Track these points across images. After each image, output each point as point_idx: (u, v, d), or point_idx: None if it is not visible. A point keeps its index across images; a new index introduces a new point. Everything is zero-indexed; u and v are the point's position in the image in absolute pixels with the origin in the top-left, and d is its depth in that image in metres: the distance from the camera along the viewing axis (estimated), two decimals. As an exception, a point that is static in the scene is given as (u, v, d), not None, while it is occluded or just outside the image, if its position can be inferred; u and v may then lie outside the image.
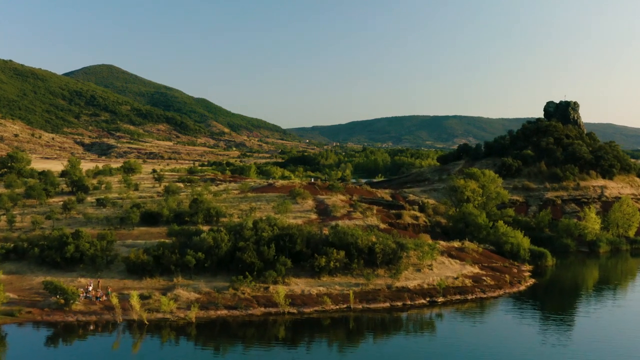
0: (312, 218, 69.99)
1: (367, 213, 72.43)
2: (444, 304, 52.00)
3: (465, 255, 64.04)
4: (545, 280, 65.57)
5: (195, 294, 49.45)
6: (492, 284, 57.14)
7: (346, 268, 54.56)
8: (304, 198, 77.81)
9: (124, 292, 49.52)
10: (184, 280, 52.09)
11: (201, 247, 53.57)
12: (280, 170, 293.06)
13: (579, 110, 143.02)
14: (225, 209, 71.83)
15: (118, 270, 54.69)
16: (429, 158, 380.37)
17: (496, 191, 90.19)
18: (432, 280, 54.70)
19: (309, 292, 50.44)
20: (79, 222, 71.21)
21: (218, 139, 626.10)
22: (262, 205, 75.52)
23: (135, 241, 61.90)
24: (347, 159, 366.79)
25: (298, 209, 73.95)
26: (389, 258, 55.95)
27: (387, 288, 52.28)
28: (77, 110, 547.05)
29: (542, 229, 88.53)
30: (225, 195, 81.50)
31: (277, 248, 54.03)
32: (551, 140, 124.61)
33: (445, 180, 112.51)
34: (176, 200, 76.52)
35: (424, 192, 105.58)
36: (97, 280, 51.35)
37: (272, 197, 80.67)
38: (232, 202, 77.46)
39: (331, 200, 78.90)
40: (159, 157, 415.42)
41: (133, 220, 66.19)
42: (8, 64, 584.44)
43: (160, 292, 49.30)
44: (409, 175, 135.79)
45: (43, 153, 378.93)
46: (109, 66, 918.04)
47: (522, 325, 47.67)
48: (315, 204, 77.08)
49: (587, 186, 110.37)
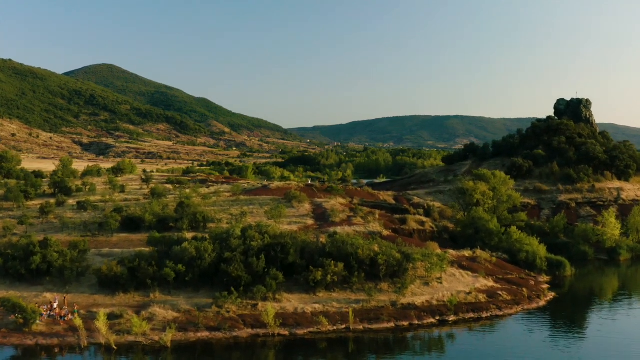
0: (309, 224, 63.99)
1: (369, 218, 66.41)
2: (455, 323, 46.00)
3: (478, 266, 57.95)
4: (566, 294, 59.42)
5: (174, 313, 43.49)
6: (509, 299, 51.06)
7: (345, 282, 48.56)
8: (300, 202, 71.84)
9: (93, 309, 43.66)
10: (162, 296, 46.15)
11: (182, 258, 47.63)
12: (280, 171, 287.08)
13: (591, 108, 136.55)
14: (214, 214, 65.94)
15: (89, 284, 48.76)
16: (432, 158, 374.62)
17: (507, 194, 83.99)
18: (442, 296, 48.64)
19: (303, 311, 44.45)
20: (54, 227, 65.36)
21: (218, 138, 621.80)
22: (255, 210, 69.58)
23: (113, 250, 55.96)
24: (348, 159, 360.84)
25: (293, 214, 67.98)
26: (394, 270, 49.91)
27: (392, 305, 46.25)
28: (77, 110, 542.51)
29: (557, 235, 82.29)
30: (215, 199, 75.61)
31: (268, 259, 48.07)
32: (563, 140, 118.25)
33: (451, 182, 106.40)
34: (162, 203, 70.60)
35: (429, 194, 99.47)
36: (63, 295, 45.42)
37: (266, 200, 74.74)
38: (222, 206, 71.55)
39: (330, 203, 72.89)
40: (157, 157, 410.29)
41: (111, 226, 60.27)
42: (7, 63, 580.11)
43: (133, 310, 43.37)
44: (413, 176, 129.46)
45: (41, 153, 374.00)
46: (110, 66, 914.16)
47: (544, 348, 41.61)
48: (312, 208, 71.08)
49: (603, 188, 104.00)
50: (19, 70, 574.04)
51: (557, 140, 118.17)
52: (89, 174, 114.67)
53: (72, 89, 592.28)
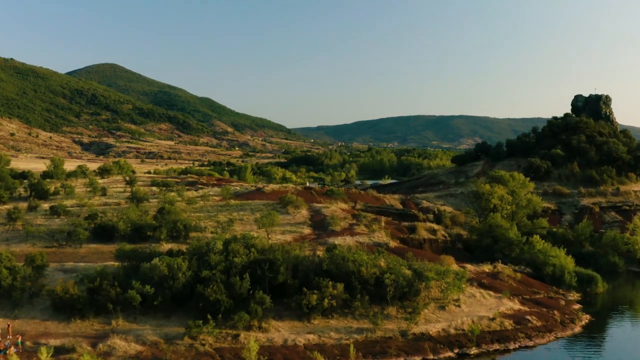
0: (305, 233, 56.27)
1: (374, 226, 58.59)
2: (478, 356, 38.25)
3: (501, 284, 50.00)
4: (602, 315, 51.35)
5: (137, 346, 35.87)
6: (539, 325, 43.20)
7: (345, 306, 40.81)
8: (296, 207, 64.15)
9: (42, 340, 36.15)
10: (126, 324, 38.51)
11: (151, 277, 40.02)
12: (282, 171, 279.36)
13: (611, 105, 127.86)
14: (199, 221, 58.37)
15: (43, 307, 41.12)
16: (438, 158, 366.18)
17: (527, 198, 75.92)
18: (461, 323, 40.80)
19: (294, 343, 36.74)
20: (19, 236, 57.95)
21: (221, 138, 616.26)
22: (246, 216, 61.94)
23: (78, 264, 48.40)
24: (352, 159, 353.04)
25: (288, 221, 60.28)
26: (403, 292, 42.16)
27: (401, 335, 38.47)
28: (78, 109, 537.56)
29: (582, 244, 74.23)
30: (202, 203, 68.06)
31: (254, 279, 40.40)
32: (583, 139, 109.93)
33: (463, 184, 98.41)
34: (142, 209, 63.10)
35: (439, 197, 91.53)
36: (7, 323, 37.90)
37: (258, 205, 67.09)
38: (209, 212, 63.96)
39: (330, 209, 65.10)
40: (158, 156, 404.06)
41: (80, 236, 52.75)
42: (9, 62, 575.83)
43: (89, 342, 35.80)
44: (421, 177, 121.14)
45: (39, 152, 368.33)
46: (113, 65, 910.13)
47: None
48: (310, 215, 63.34)
49: (628, 191, 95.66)
50: (20, 69, 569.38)
51: (577, 139, 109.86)
52: (73, 175, 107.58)
53: (73, 88, 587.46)
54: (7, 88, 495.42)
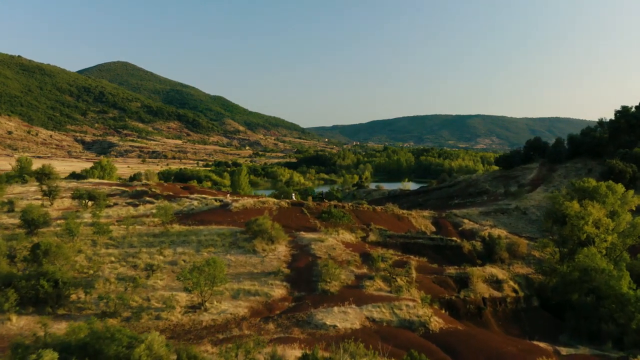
0: (275, 297, 31.06)
1: (399, 280, 33.30)
2: None
3: None
4: None
5: None
6: None
7: None
8: (270, 240, 39.23)
9: None
10: None
11: None
12: (289, 172, 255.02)
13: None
14: (99, 267, 34.04)
15: None
16: (460, 159, 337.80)
17: (630, 221, 49.77)
18: None
19: None
20: None
21: (232, 137, 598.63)
22: (184, 257, 37.19)
23: None
24: (366, 159, 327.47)
25: (252, 269, 35.28)
26: None
27: None
28: (84, 107, 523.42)
29: None
30: (130, 229, 43.63)
31: None
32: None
33: (516, 195, 72.27)
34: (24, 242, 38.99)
35: (485, 215, 65.69)
36: None
37: (212, 235, 42.21)
38: (133, 247, 39.46)
39: (325, 244, 39.84)
40: (162, 156, 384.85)
41: None
42: (15, 59, 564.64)
43: None
44: (455, 184, 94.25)
45: (37, 151, 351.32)
46: (124, 63, 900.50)
47: None
48: (291, 254, 38.22)
49: None
50: (26, 66, 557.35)
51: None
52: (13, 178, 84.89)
53: (81, 86, 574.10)
54: (11, 85, 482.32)
